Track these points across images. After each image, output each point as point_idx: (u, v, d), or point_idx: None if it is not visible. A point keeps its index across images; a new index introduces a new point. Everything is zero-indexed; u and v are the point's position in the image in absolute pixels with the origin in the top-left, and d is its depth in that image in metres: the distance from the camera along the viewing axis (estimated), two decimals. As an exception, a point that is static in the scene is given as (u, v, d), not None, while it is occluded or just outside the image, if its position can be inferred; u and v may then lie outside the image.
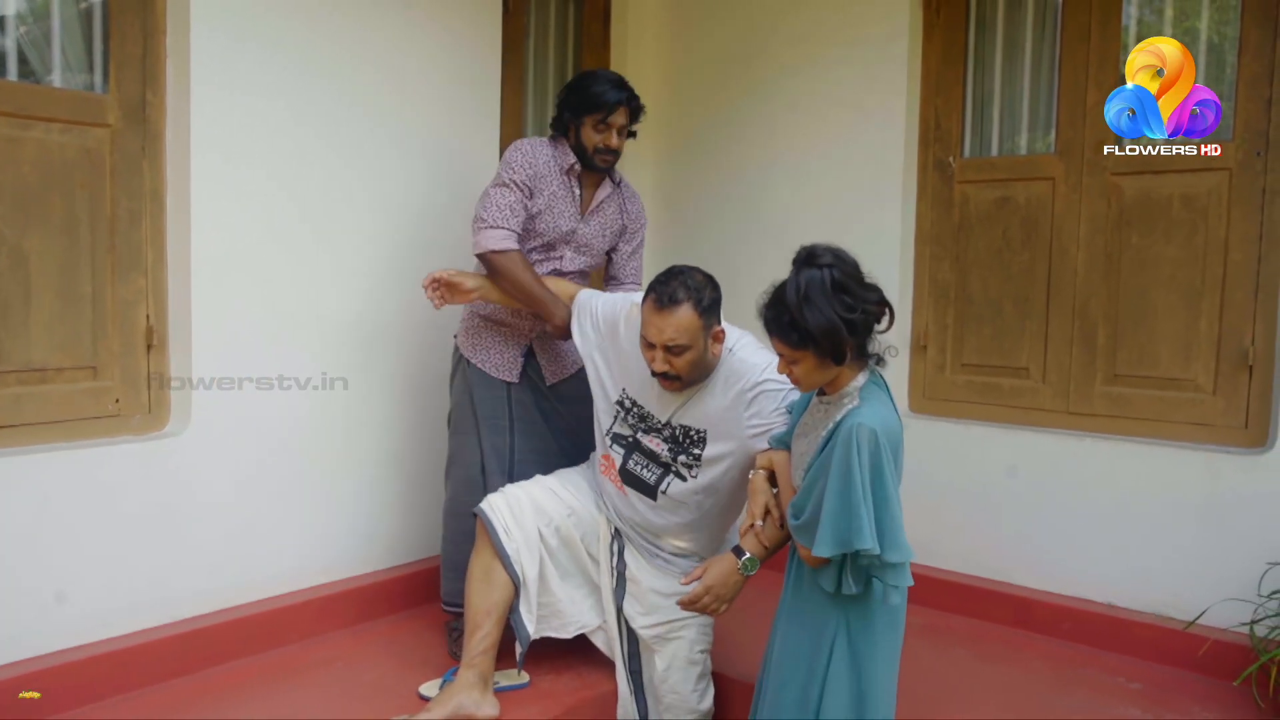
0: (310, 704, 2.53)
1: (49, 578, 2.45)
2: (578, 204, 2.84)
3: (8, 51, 2.50)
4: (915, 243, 3.58)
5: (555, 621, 2.59)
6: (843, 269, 1.84)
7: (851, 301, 1.82)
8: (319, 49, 2.94)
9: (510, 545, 2.47)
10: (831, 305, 1.80)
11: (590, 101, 2.74)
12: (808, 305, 1.81)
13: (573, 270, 2.87)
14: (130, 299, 2.67)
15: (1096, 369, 3.21)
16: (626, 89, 2.78)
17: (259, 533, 2.88)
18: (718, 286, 2.35)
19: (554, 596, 2.57)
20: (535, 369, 2.88)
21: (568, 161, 2.79)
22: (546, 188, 2.76)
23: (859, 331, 1.85)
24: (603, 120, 2.74)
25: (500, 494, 2.55)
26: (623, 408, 2.53)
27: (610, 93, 2.74)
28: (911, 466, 3.47)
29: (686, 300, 2.24)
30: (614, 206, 2.92)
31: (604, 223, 2.89)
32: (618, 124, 2.77)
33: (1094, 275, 3.20)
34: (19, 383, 2.48)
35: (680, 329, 2.24)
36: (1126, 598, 3.06)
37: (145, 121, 2.67)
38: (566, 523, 2.57)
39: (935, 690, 2.71)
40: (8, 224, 2.44)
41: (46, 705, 2.35)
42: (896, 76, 3.52)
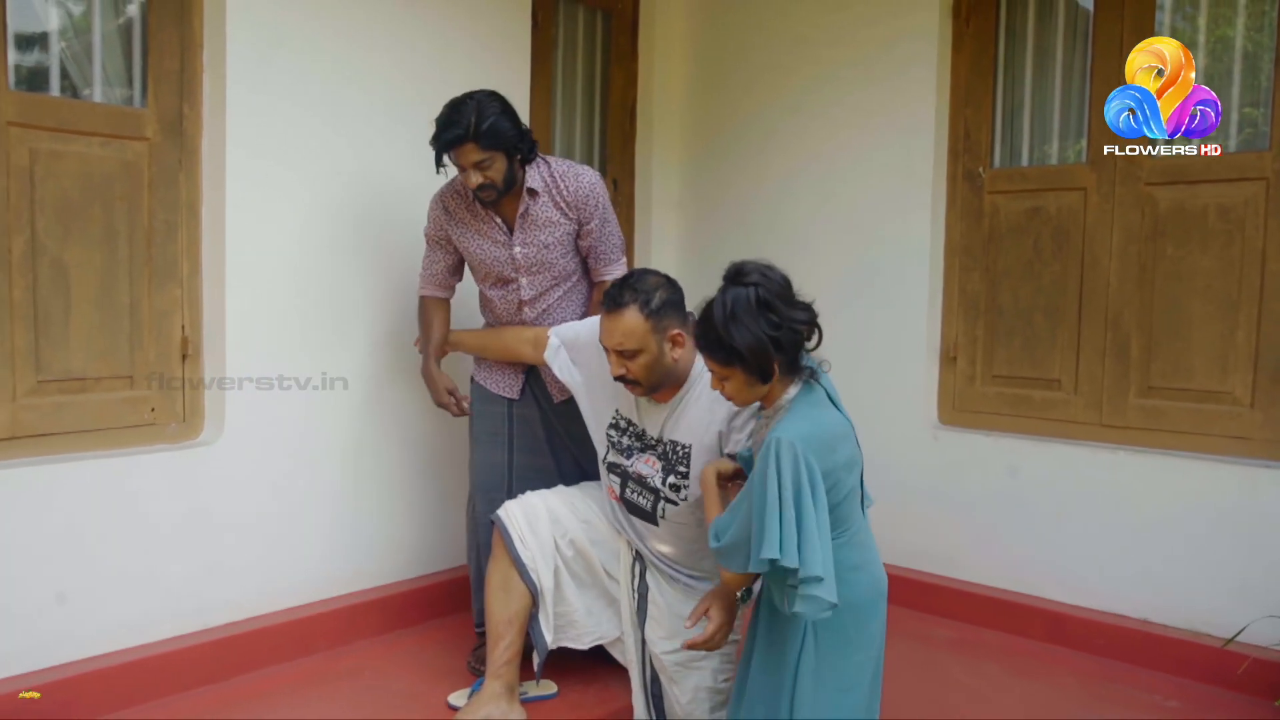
0: (339, 713, 2.55)
1: (84, 584, 2.49)
2: (503, 230, 2.66)
3: (50, 67, 2.56)
4: (945, 254, 3.56)
5: (571, 632, 2.57)
6: (769, 287, 1.86)
7: (777, 319, 1.84)
8: (352, 62, 2.98)
9: (525, 554, 2.46)
10: (757, 323, 1.83)
11: (434, 143, 2.52)
12: (734, 323, 1.83)
13: (534, 295, 2.72)
14: (166, 309, 2.71)
15: (1130, 381, 3.17)
16: (468, 124, 2.45)
17: (290, 541, 2.91)
18: (675, 288, 2.31)
19: (570, 606, 2.55)
20: (540, 387, 2.81)
21: (470, 195, 2.64)
22: (461, 229, 2.70)
23: (785, 349, 1.86)
24: (454, 162, 2.54)
25: (517, 502, 2.54)
26: (617, 429, 2.47)
27: (443, 135, 2.48)
28: (940, 478, 3.47)
29: (632, 303, 2.22)
30: (545, 212, 2.65)
31: (542, 235, 2.66)
32: (468, 162, 2.50)
33: (1127, 286, 3.16)
34: (59, 391, 2.53)
35: (627, 332, 2.22)
36: (1162, 613, 3.01)
37: (182, 135, 2.72)
38: (581, 534, 2.54)
39: (966, 705, 2.68)
40: (50, 236, 2.49)
41: (82, 710, 2.39)
42: (925, 87, 3.51)
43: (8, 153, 2.41)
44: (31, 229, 2.46)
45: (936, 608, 3.40)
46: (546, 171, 2.64)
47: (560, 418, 2.81)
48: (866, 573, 1.96)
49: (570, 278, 2.76)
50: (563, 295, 2.76)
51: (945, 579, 3.45)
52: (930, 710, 2.64)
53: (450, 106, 2.52)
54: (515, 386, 2.81)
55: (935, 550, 3.51)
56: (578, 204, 2.65)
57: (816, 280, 3.71)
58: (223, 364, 2.75)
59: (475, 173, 2.51)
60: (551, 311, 2.75)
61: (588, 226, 2.69)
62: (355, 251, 3.02)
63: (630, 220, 4.22)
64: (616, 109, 4.13)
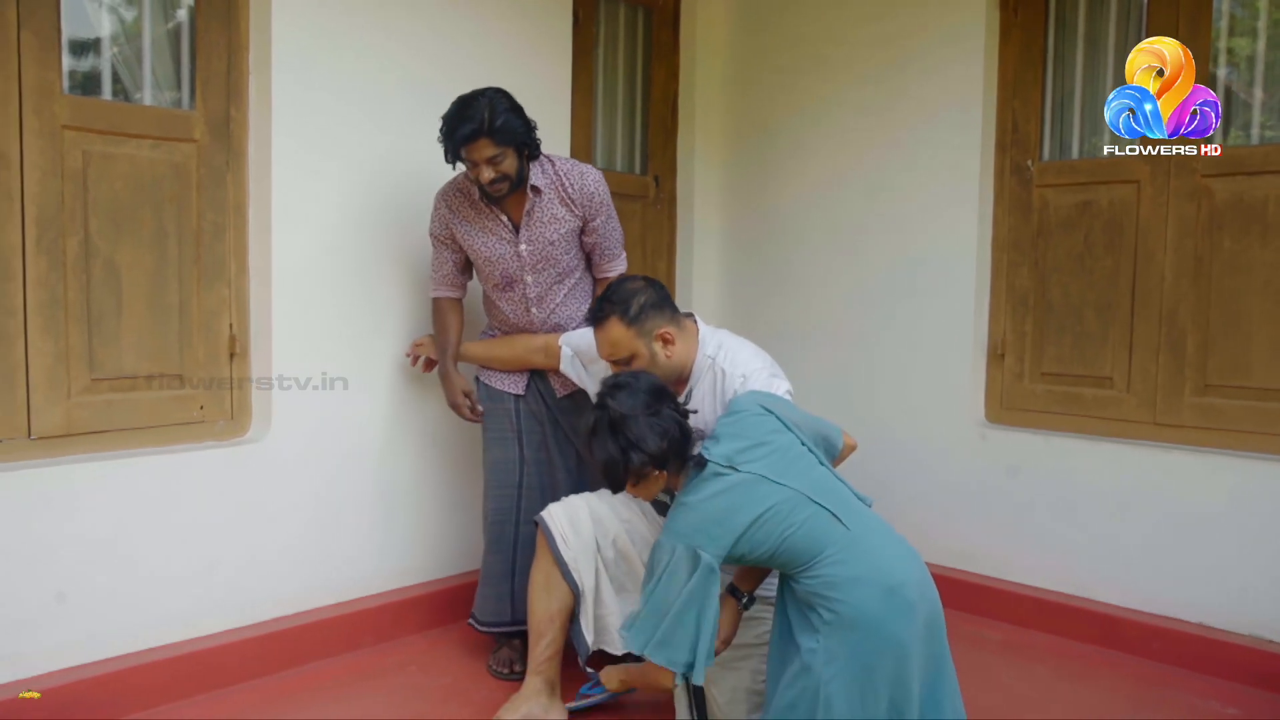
0: (386, 708, 2.57)
1: (134, 578, 2.53)
2: (509, 228, 2.69)
3: (102, 72, 2.60)
4: (992, 249, 3.49)
5: (607, 636, 2.55)
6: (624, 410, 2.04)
7: (626, 441, 2.02)
8: (395, 62, 3.00)
9: (568, 554, 2.47)
10: (609, 443, 2.03)
11: (445, 140, 2.55)
12: (594, 441, 2.07)
13: (540, 294, 2.75)
14: (214, 308, 2.75)
15: (1185, 378, 3.09)
16: (482, 119, 2.48)
17: (336, 536, 2.94)
18: (656, 288, 2.39)
19: (607, 609, 2.54)
20: (544, 382, 2.84)
21: (474, 193, 2.68)
22: (465, 227, 2.71)
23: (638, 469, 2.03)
24: (465, 159, 2.56)
25: (561, 503, 2.55)
26: None
27: (458, 130, 2.50)
28: (987, 478, 3.42)
29: (611, 314, 2.33)
30: (551, 208, 2.69)
31: (548, 231, 2.69)
32: (481, 157, 2.52)
33: (1183, 281, 3.08)
34: (111, 390, 2.57)
35: (614, 343, 2.34)
36: (1221, 618, 2.92)
37: (229, 136, 2.76)
38: (624, 536, 2.54)
39: (1014, 710, 2.63)
40: (102, 237, 2.54)
41: (134, 702, 2.43)
42: (972, 79, 3.44)
43: (62, 156, 2.46)
44: (85, 230, 2.51)
45: (985, 609, 3.34)
46: (551, 169, 2.69)
47: (564, 413, 2.85)
48: (869, 584, 1.94)
49: (574, 274, 2.80)
50: (568, 292, 2.79)
51: (993, 580, 3.39)
52: (982, 714, 2.59)
53: (461, 103, 2.55)
54: (520, 383, 2.83)
55: (983, 551, 3.45)
56: (584, 201, 2.70)
57: (862, 276, 3.72)
58: (269, 362, 2.79)
59: (488, 168, 2.53)
60: (558, 310, 2.78)
61: (593, 223, 2.74)
62: (398, 251, 3.04)
63: (672, 217, 4.20)
64: (658, 105, 4.11)
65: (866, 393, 3.73)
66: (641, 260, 4.05)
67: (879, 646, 1.92)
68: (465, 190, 2.71)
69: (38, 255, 2.42)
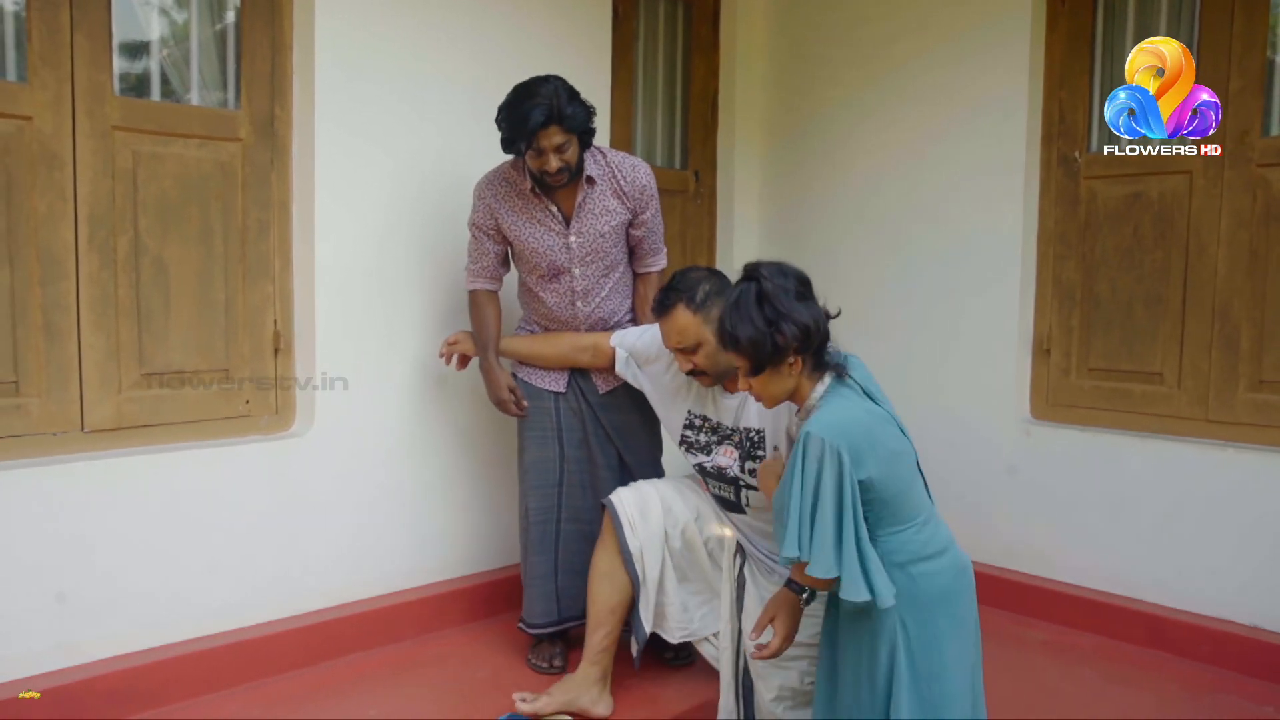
0: (427, 700, 2.60)
1: (182, 569, 2.59)
2: (558, 219, 2.64)
3: (151, 74, 2.66)
4: (1038, 242, 3.43)
5: (664, 624, 2.57)
6: (773, 283, 1.89)
7: (774, 315, 1.87)
8: (434, 59, 3.02)
9: (634, 542, 2.46)
10: (756, 317, 1.87)
11: (513, 132, 2.47)
12: (735, 315, 1.90)
13: (587, 287, 2.71)
14: (259, 305, 2.80)
15: (1239, 374, 3.00)
16: (552, 106, 2.43)
17: (378, 530, 2.98)
18: (719, 278, 2.38)
19: (667, 599, 2.54)
20: (585, 380, 2.79)
21: (525, 185, 2.61)
22: (513, 217, 2.65)
23: (785, 346, 1.87)
24: (531, 147, 2.47)
25: (631, 488, 2.55)
26: (694, 429, 2.52)
27: (532, 116, 2.42)
28: (1033, 475, 3.35)
29: (678, 303, 2.32)
30: (603, 200, 2.65)
31: (598, 224, 2.66)
32: (550, 145, 2.46)
33: (1237, 274, 2.99)
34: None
35: (681, 331, 2.32)
36: (1273, 620, 2.84)
37: (274, 135, 2.80)
38: (693, 526, 2.54)
39: (1061, 712, 2.59)
40: (151, 235, 2.60)
41: (180, 691, 2.49)
42: (1017, 68, 3.38)
43: (113, 156, 2.52)
44: (135, 229, 2.57)
45: (1029, 609, 3.29)
46: (604, 160, 2.67)
47: (606, 409, 2.79)
48: (948, 557, 1.91)
49: (619, 267, 2.78)
50: (613, 286, 2.77)
51: (1038, 579, 3.33)
52: (1021, 714, 2.55)
53: (526, 90, 2.48)
54: (561, 380, 2.78)
55: (1027, 549, 3.39)
56: (636, 194, 2.67)
57: (904, 270, 3.67)
58: (313, 358, 2.83)
59: (555, 156, 2.48)
60: (604, 304, 2.76)
61: (642, 217, 2.72)
62: (439, 248, 3.07)
63: (712, 213, 4.18)
64: (698, 100, 4.10)
65: (909, 388, 3.67)
66: (681, 255, 4.04)
67: (954, 627, 1.89)
68: (512, 180, 2.66)
69: (90, 253, 2.49)
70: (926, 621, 1.87)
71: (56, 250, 2.44)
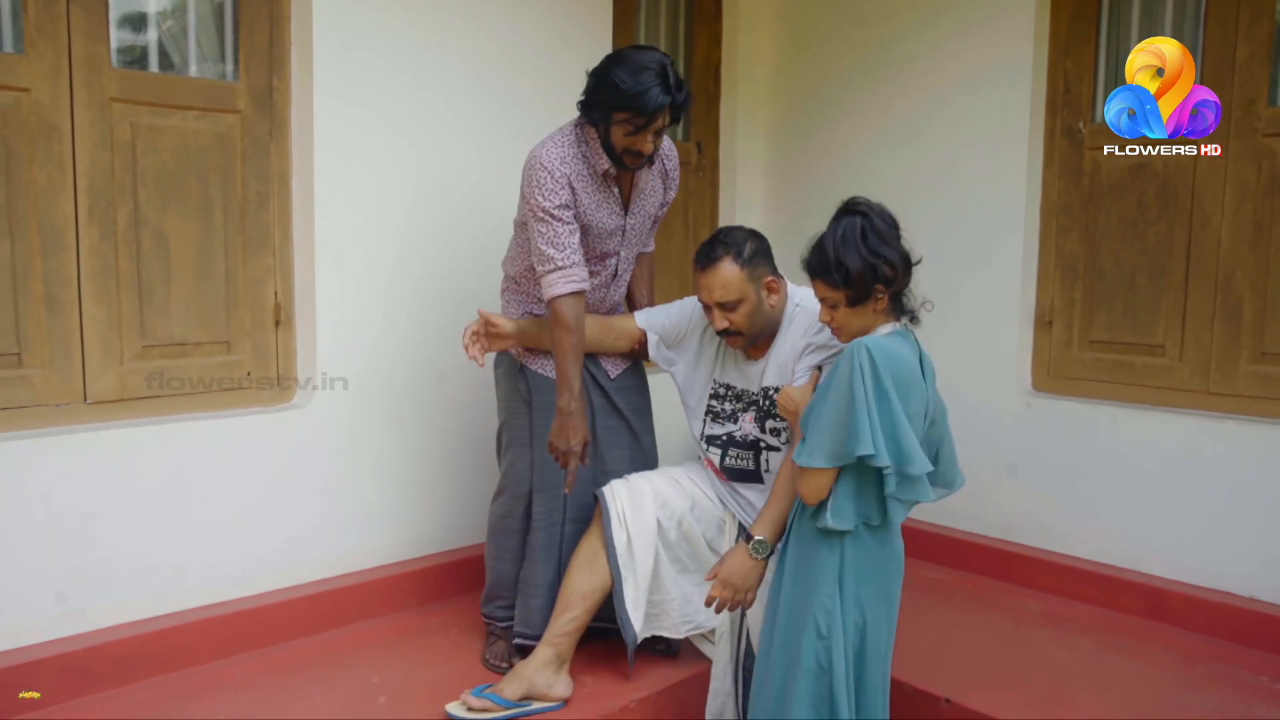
0: (430, 667, 2.62)
1: (185, 539, 2.62)
2: (619, 201, 2.49)
3: (149, 46, 2.66)
4: (1041, 214, 3.40)
5: (666, 621, 2.51)
6: (875, 221, 1.95)
7: (877, 250, 1.93)
8: (437, 30, 3.01)
9: (620, 536, 2.41)
10: (862, 249, 1.92)
11: (626, 103, 2.25)
12: (844, 246, 1.93)
13: (625, 269, 2.62)
14: (259, 277, 2.81)
15: (1242, 346, 2.99)
16: (674, 87, 2.27)
17: (380, 500, 3.01)
18: (761, 238, 2.39)
19: (666, 595, 2.50)
20: (596, 365, 2.62)
21: (602, 166, 2.39)
22: (588, 198, 2.41)
23: (885, 279, 1.94)
24: (632, 121, 2.27)
25: (625, 480, 2.50)
26: (719, 398, 2.51)
27: (654, 94, 2.23)
28: (1034, 448, 3.35)
29: (725, 255, 2.31)
30: (652, 182, 2.56)
31: (648, 205, 2.59)
32: (655, 128, 2.30)
33: (1240, 246, 2.97)
34: (161, 356, 2.65)
35: (725, 283, 2.30)
36: (1273, 591, 2.85)
37: (272, 107, 2.80)
38: (689, 516, 2.51)
39: (1058, 682, 2.60)
40: (150, 207, 2.60)
41: (186, 657, 2.53)
42: (1022, 37, 3.34)
43: (111, 128, 2.52)
44: (134, 200, 2.57)
45: (1028, 580, 3.30)
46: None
47: (620, 392, 2.65)
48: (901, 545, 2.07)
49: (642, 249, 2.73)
50: (632, 266, 2.68)
51: (1037, 550, 3.34)
52: (1020, 685, 2.57)
53: (642, 61, 2.26)
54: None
55: (1027, 521, 3.40)
56: (673, 174, 2.63)
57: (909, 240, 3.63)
58: (313, 329, 2.84)
59: (656, 138, 2.34)
60: (625, 287, 2.68)
61: (669, 196, 2.66)
62: (441, 218, 3.07)
63: (715, 185, 4.16)
64: (700, 71, 4.07)
65: (910, 361, 3.67)
66: (684, 228, 4.03)
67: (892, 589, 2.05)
68: (588, 158, 2.39)
69: (90, 225, 2.49)
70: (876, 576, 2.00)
71: (57, 222, 2.45)
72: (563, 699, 2.39)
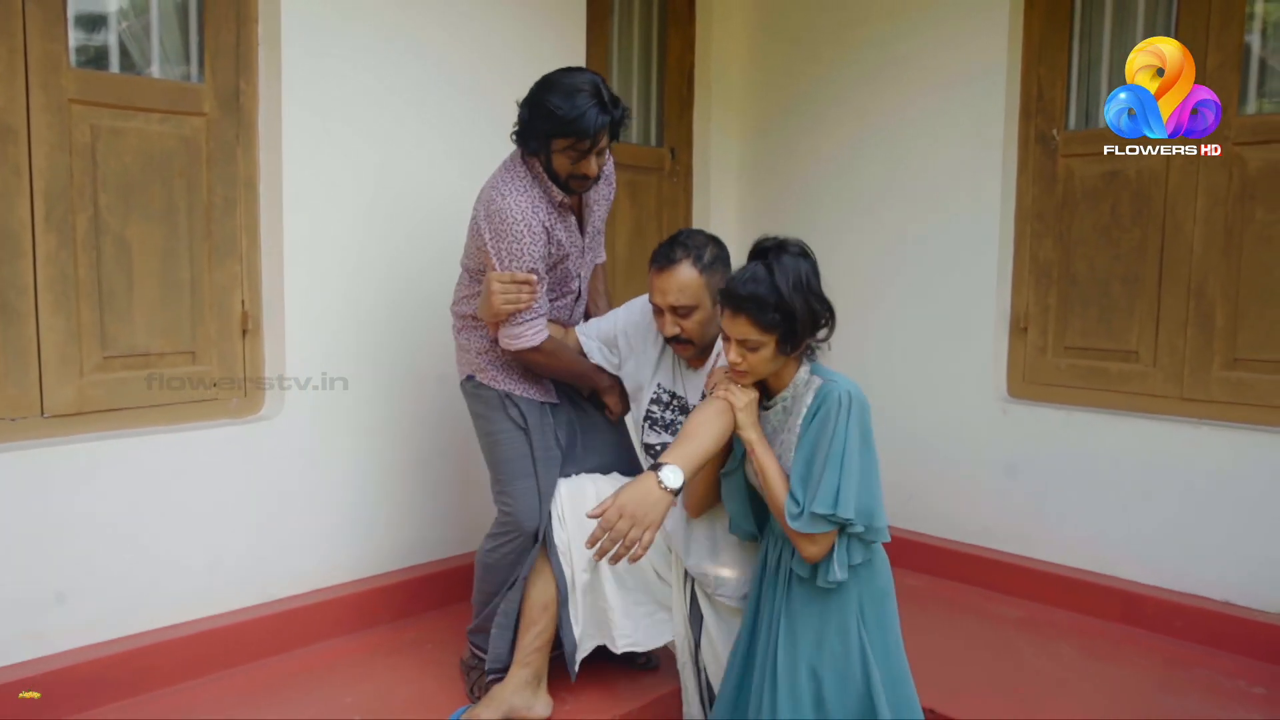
0: (403, 683, 2.56)
1: (148, 557, 2.53)
2: (576, 225, 2.42)
3: (110, 46, 2.56)
4: (1015, 220, 3.42)
5: (610, 631, 2.40)
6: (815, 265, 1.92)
7: (823, 298, 1.90)
8: (407, 31, 2.94)
9: (561, 537, 2.33)
10: (810, 298, 1.86)
11: (563, 128, 2.18)
12: (798, 291, 1.84)
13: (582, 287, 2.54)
14: (226, 285, 2.73)
15: (1214, 352, 3.02)
16: (610, 105, 2.21)
17: (350, 514, 2.93)
18: (722, 246, 2.27)
19: (607, 604, 2.38)
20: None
21: (557, 197, 2.32)
22: (558, 233, 2.34)
23: (823, 330, 1.91)
24: (574, 147, 2.21)
25: (571, 481, 2.42)
26: (660, 404, 2.38)
27: (591, 115, 2.16)
28: (1009, 454, 3.36)
29: (684, 259, 2.18)
30: (601, 190, 2.50)
31: (597, 215, 2.51)
32: (598, 148, 2.23)
33: (1212, 252, 3.00)
34: (124, 367, 2.56)
35: (681, 287, 2.17)
36: (1247, 595, 2.88)
37: (239, 110, 2.72)
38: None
39: (1037, 688, 2.60)
40: (112, 213, 2.51)
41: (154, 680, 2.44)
42: (996, 45, 3.36)
43: (70, 130, 2.42)
44: (94, 206, 2.48)
45: (1005, 586, 3.31)
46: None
47: (593, 409, 2.58)
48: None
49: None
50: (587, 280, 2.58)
51: (1014, 556, 3.35)
52: (1000, 691, 2.57)
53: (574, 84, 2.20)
54: (551, 390, 2.50)
55: (1003, 527, 3.41)
56: (611, 178, 2.53)
57: (881, 248, 3.66)
58: (282, 339, 2.76)
59: (599, 158, 2.27)
60: (585, 301, 2.58)
61: (611, 194, 2.54)
62: (412, 224, 3.01)
63: (688, 190, 4.14)
64: (674, 76, 4.04)
65: (886, 367, 3.68)
66: (658, 233, 4.00)
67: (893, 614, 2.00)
68: (546, 190, 2.31)
69: (47, 232, 2.40)
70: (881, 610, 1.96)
71: (12, 227, 2.35)
72: (542, 719, 2.33)
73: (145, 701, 2.40)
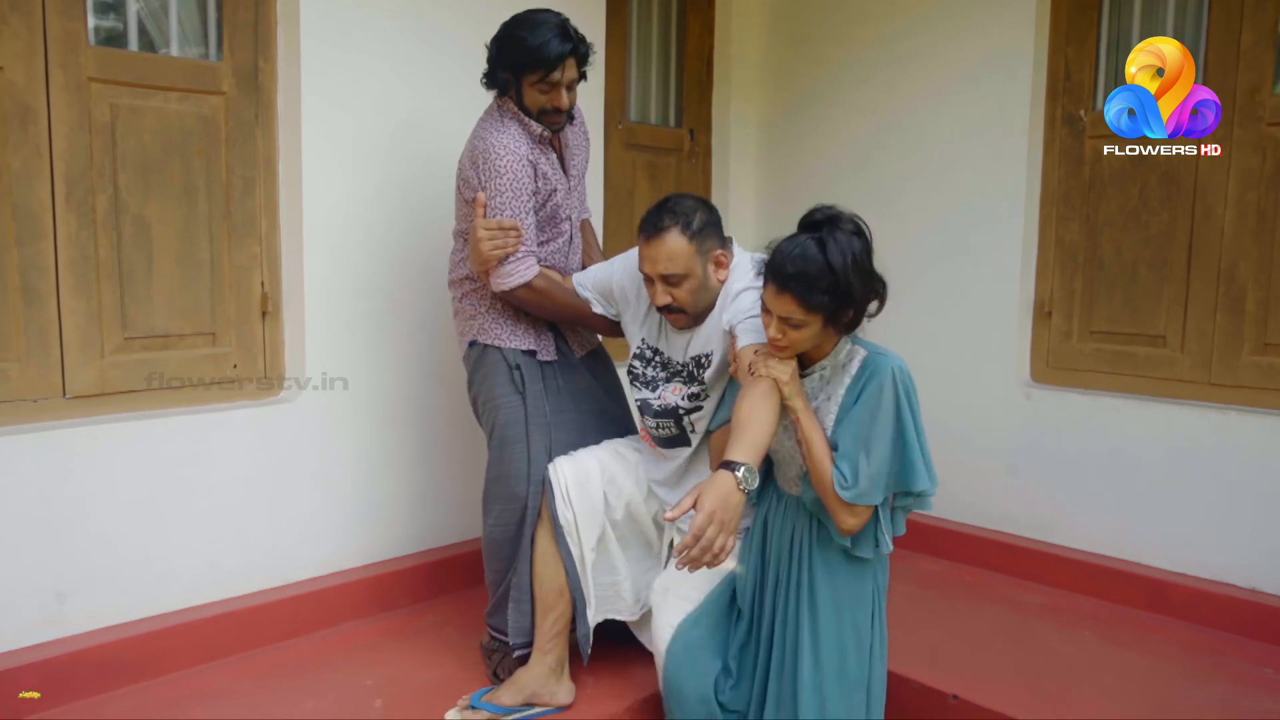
0: (422, 666, 2.55)
1: (168, 539, 2.53)
2: (558, 162, 2.45)
3: (129, 24, 2.54)
4: (1041, 203, 3.37)
5: (619, 604, 2.41)
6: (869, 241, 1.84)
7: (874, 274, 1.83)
8: (424, 11, 2.91)
9: (565, 515, 2.31)
10: (864, 277, 1.79)
11: (530, 58, 2.25)
12: (855, 271, 1.76)
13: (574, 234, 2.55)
14: (245, 265, 2.71)
15: (1244, 337, 2.97)
16: (571, 35, 2.29)
17: (370, 497, 2.92)
18: (712, 209, 2.21)
19: (617, 575, 2.40)
20: (565, 344, 2.52)
21: (536, 132, 2.34)
22: (541, 166, 2.36)
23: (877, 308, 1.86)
24: (545, 79, 2.27)
25: (569, 457, 2.37)
26: (643, 359, 2.34)
27: (553, 44, 2.24)
28: (1032, 439, 3.32)
29: (673, 226, 2.12)
30: (580, 134, 2.53)
31: (578, 161, 2.52)
32: (568, 79, 2.30)
33: (1244, 236, 2.95)
34: (143, 349, 2.55)
35: (670, 255, 2.12)
36: (1274, 583, 2.84)
37: (258, 89, 2.69)
38: (638, 498, 2.38)
39: (1060, 675, 2.57)
40: (131, 193, 2.49)
41: (173, 662, 2.44)
42: (1023, 24, 3.30)
43: (89, 109, 2.41)
44: (114, 186, 2.46)
45: (1028, 573, 3.28)
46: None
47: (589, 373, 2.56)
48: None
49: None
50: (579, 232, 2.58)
51: (1037, 543, 3.32)
52: (1023, 678, 2.54)
53: (535, 19, 2.29)
54: (550, 347, 2.48)
55: (1027, 513, 3.37)
56: (584, 124, 2.54)
57: (905, 232, 3.61)
58: (302, 320, 2.75)
59: (569, 92, 2.32)
60: (580, 252, 2.57)
61: (587, 154, 2.57)
62: (432, 202, 2.98)
63: (707, 173, 4.10)
64: (693, 57, 3.99)
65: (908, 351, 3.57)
66: (676, 216, 3.96)
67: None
68: (524, 126, 2.34)
69: (68, 213, 2.39)
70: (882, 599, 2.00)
71: (33, 208, 2.34)
72: (565, 705, 2.33)
73: (164, 684, 2.40)
